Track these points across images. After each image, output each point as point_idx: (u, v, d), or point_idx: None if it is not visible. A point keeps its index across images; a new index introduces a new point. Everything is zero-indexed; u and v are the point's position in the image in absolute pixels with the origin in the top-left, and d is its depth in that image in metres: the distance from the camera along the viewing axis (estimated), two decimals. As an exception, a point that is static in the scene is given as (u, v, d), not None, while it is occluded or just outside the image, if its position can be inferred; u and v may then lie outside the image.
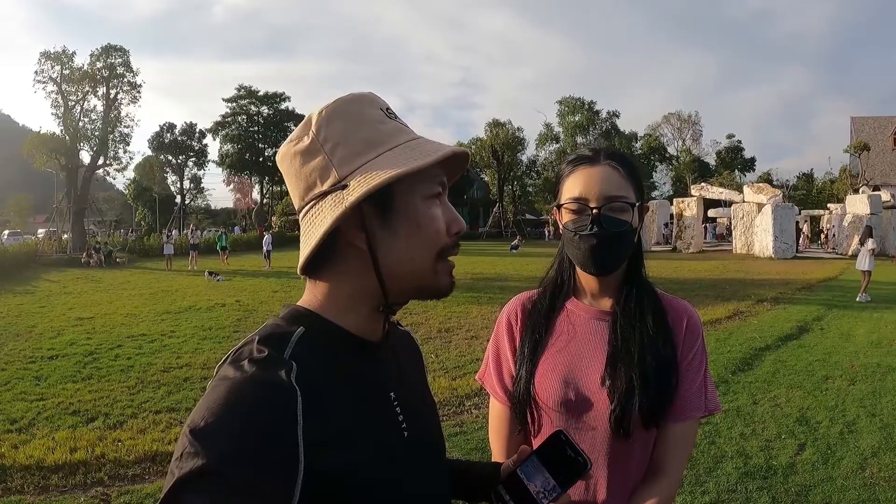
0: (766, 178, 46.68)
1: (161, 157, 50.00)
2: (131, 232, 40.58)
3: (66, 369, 6.49)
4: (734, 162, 51.99)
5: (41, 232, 36.96)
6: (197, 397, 5.22)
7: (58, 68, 30.06)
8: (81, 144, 31.22)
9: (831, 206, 30.93)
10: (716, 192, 28.26)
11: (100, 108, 31.50)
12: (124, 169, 34.83)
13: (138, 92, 32.44)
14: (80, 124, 30.89)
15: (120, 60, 31.62)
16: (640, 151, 51.20)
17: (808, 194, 45.42)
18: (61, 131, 30.60)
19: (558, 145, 49.70)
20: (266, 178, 53.95)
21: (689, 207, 27.13)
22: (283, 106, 54.48)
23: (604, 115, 50.50)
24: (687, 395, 1.10)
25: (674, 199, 29.80)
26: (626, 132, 51.47)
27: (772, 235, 22.60)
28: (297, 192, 0.74)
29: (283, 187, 44.92)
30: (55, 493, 3.63)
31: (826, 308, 10.20)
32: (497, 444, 1.22)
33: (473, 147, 45.81)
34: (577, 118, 49.98)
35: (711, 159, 53.18)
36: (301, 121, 0.75)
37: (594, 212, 1.07)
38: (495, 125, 46.95)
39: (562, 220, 1.14)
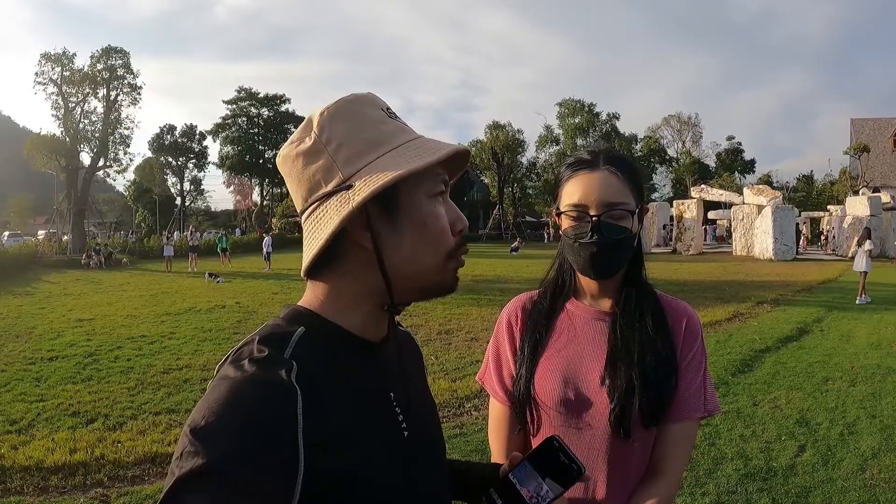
0: (766, 180, 46.57)
1: (161, 158, 50.08)
2: (131, 233, 40.55)
3: (66, 370, 6.50)
4: (734, 164, 51.93)
5: (41, 233, 36.92)
6: (197, 399, 5.20)
7: (58, 70, 30.16)
8: (82, 146, 31.32)
9: (831, 207, 30.90)
10: (716, 193, 28.24)
11: (100, 110, 31.63)
12: (124, 170, 35.06)
13: (138, 94, 32.62)
14: (81, 126, 30.98)
15: (120, 62, 31.74)
16: (639, 153, 51.16)
17: (808, 196, 45.40)
18: (61, 133, 30.69)
19: (558, 147, 49.62)
20: (266, 180, 54.01)
21: (689, 209, 27.09)
22: (283, 108, 54.56)
23: (604, 117, 50.55)
24: (686, 396, 1.10)
25: (674, 201, 29.72)
26: (626, 134, 51.42)
27: (772, 237, 22.58)
28: (300, 194, 0.73)
29: (284, 189, 45.18)
30: (55, 494, 3.64)
31: (826, 310, 10.20)
32: (497, 444, 1.22)
33: (474, 149, 45.75)
34: (577, 120, 49.95)
35: (711, 161, 53.12)
36: (301, 123, 0.74)
37: (594, 219, 1.07)
38: (495, 127, 46.93)
39: (561, 225, 1.14)
